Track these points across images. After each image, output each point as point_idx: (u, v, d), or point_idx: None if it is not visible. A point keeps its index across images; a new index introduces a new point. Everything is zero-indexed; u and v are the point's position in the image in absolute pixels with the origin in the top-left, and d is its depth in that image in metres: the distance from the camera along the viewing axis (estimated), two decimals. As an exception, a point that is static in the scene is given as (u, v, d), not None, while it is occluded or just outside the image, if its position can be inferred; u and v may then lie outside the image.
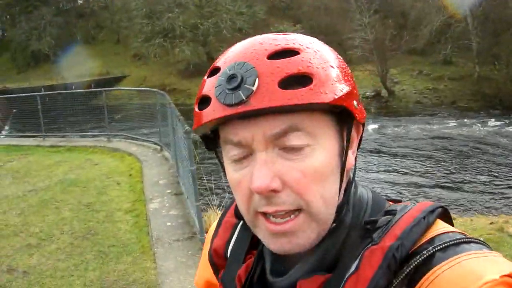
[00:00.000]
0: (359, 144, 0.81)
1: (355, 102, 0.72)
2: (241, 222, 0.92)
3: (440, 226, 0.71)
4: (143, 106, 14.00)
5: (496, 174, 15.28)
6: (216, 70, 0.71)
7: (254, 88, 0.65)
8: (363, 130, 0.80)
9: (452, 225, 0.74)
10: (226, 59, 0.71)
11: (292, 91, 0.64)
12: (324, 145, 0.70)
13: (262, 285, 0.81)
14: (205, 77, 0.73)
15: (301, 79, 0.65)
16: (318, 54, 0.70)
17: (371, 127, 24.11)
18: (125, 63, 46.16)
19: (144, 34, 42.38)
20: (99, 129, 13.96)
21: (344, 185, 0.76)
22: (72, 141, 13.48)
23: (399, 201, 0.82)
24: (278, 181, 0.67)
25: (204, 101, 0.70)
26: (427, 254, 0.65)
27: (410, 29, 39.76)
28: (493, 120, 25.71)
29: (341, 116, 0.72)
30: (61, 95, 16.23)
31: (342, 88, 0.69)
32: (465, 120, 25.37)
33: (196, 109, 0.72)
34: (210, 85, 0.70)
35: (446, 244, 0.66)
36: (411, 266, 0.66)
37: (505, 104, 29.33)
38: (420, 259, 0.65)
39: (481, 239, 0.68)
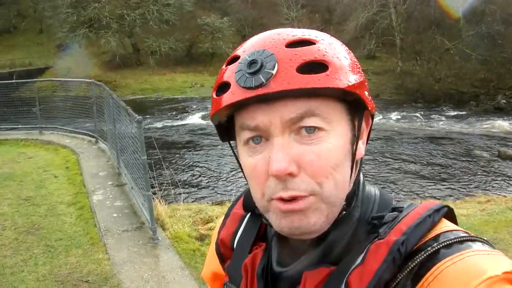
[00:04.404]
0: (369, 135, 0.85)
1: (366, 93, 0.76)
2: (248, 214, 0.95)
3: (445, 225, 0.73)
4: (76, 97, 13.58)
5: (420, 162, 15.94)
6: (235, 59, 0.75)
7: (274, 71, 0.68)
8: (372, 122, 0.84)
9: (457, 224, 0.77)
10: (245, 48, 0.75)
11: (310, 76, 0.68)
12: (338, 131, 0.73)
13: (268, 275, 0.83)
14: (224, 66, 0.77)
15: (318, 67, 0.69)
16: (332, 46, 0.74)
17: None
18: (48, 54, 44.14)
19: (69, 24, 40.81)
20: (29, 122, 13.34)
21: (354, 174, 0.79)
22: (1, 134, 12.87)
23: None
24: (294, 165, 0.70)
25: (223, 87, 0.74)
26: (431, 251, 0.67)
27: (336, 24, 40.73)
28: (415, 112, 26.89)
29: (353, 105, 0.76)
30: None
31: (355, 78, 0.73)
32: (388, 113, 26.31)
33: (214, 96, 0.76)
34: (229, 71, 0.74)
35: (450, 241, 0.68)
36: (416, 262, 0.67)
37: (426, 98, 30.77)
38: (425, 255, 0.67)
39: (485, 238, 0.71)
